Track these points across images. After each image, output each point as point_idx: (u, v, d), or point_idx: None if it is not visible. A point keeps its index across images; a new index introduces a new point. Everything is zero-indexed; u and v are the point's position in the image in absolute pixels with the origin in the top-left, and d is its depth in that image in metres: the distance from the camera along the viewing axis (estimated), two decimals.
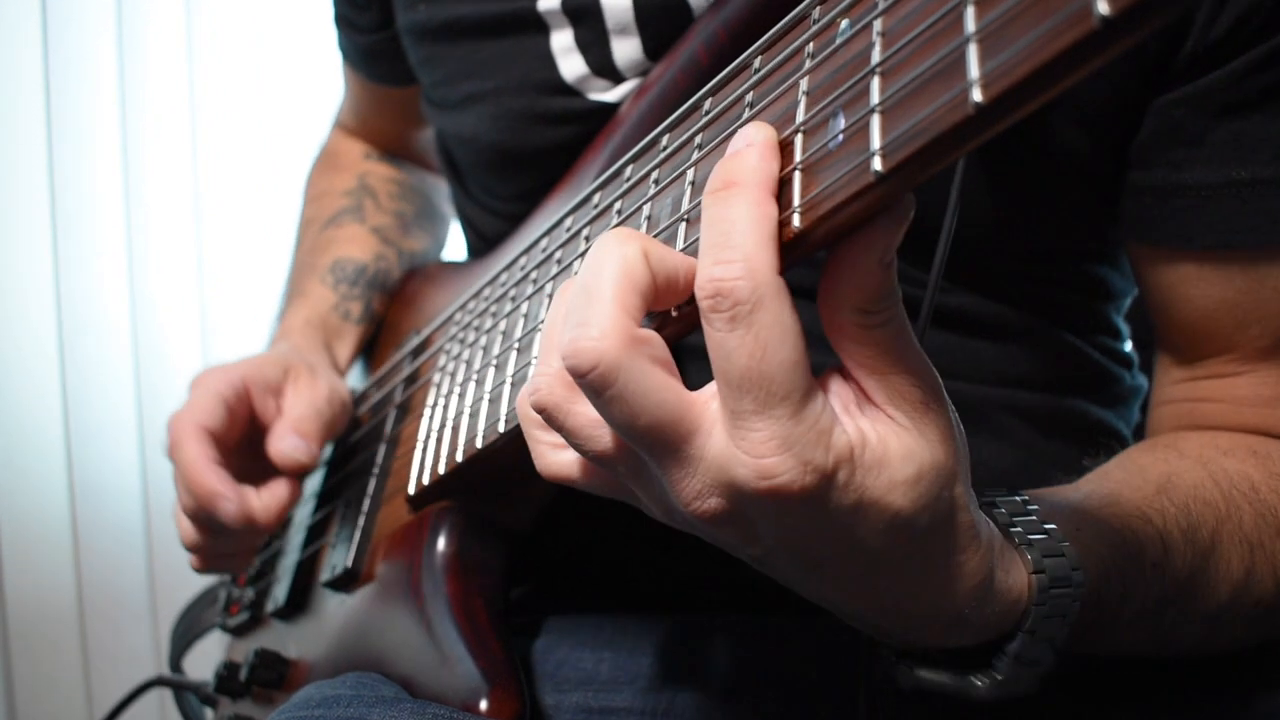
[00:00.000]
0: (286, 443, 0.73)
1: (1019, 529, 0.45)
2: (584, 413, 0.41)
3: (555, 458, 0.45)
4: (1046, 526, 0.45)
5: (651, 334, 0.38)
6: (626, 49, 0.69)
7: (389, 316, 0.96)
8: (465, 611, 0.58)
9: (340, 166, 1.05)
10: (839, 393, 0.39)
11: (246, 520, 0.70)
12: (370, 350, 0.97)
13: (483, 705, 0.53)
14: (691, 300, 0.40)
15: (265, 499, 0.72)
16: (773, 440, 0.36)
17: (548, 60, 0.71)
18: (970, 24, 0.31)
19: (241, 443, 0.76)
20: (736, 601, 0.67)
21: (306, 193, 1.06)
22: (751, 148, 0.38)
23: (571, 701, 0.62)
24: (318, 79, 1.63)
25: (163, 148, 1.62)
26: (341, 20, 0.95)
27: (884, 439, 0.38)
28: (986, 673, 0.44)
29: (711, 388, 0.38)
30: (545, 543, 0.70)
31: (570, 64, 0.71)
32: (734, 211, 0.37)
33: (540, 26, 0.71)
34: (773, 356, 0.36)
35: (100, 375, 1.59)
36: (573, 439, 0.42)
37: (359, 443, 0.82)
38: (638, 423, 0.37)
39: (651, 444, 0.38)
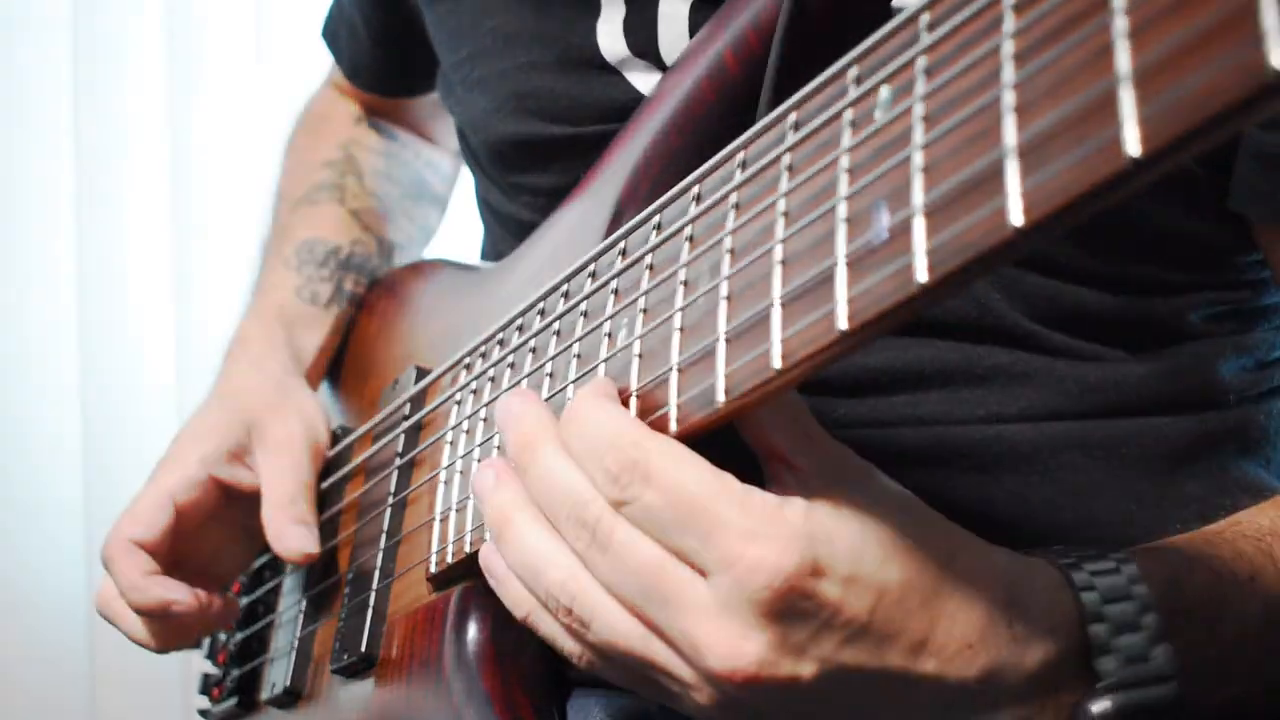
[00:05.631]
0: (291, 538, 0.86)
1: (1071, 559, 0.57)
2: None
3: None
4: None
5: None
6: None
7: (374, 327, 1.06)
8: (508, 708, 0.68)
9: (325, 132, 1.18)
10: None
11: (210, 608, 0.88)
12: (355, 360, 1.07)
13: None
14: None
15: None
16: (740, 538, 0.49)
17: (589, 36, 0.82)
18: (1010, 136, 0.40)
19: (212, 517, 0.92)
20: None
21: (285, 158, 1.20)
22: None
23: None
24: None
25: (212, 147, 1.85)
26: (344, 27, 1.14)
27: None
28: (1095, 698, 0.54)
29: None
30: None
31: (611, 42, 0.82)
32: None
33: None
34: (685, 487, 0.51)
35: (119, 370, 1.78)
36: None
37: (359, 505, 0.92)
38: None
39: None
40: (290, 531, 0.86)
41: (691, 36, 0.77)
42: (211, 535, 0.94)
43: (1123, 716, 0.54)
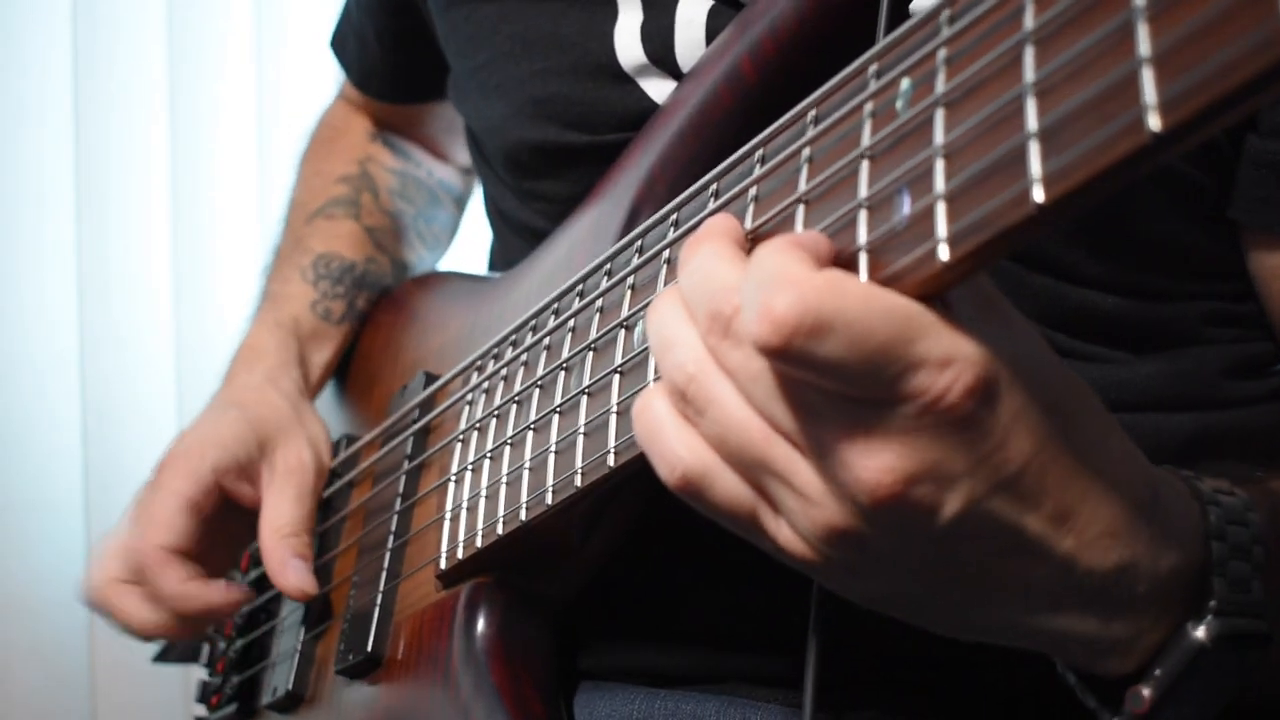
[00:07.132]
0: (293, 574, 0.89)
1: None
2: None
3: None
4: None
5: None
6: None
7: (380, 339, 1.08)
8: (517, 703, 0.69)
9: (339, 147, 1.21)
10: None
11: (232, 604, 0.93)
12: (361, 369, 1.09)
13: None
14: None
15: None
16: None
17: (606, 42, 0.83)
18: (1032, 120, 0.41)
19: (213, 523, 0.93)
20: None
21: (300, 169, 1.22)
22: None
23: None
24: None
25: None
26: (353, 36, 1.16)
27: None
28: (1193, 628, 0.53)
29: None
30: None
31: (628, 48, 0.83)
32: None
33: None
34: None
35: (119, 370, 1.80)
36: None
37: (366, 510, 0.92)
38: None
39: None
40: (293, 566, 0.89)
41: (708, 42, 0.78)
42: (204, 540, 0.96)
43: (1222, 641, 0.53)
